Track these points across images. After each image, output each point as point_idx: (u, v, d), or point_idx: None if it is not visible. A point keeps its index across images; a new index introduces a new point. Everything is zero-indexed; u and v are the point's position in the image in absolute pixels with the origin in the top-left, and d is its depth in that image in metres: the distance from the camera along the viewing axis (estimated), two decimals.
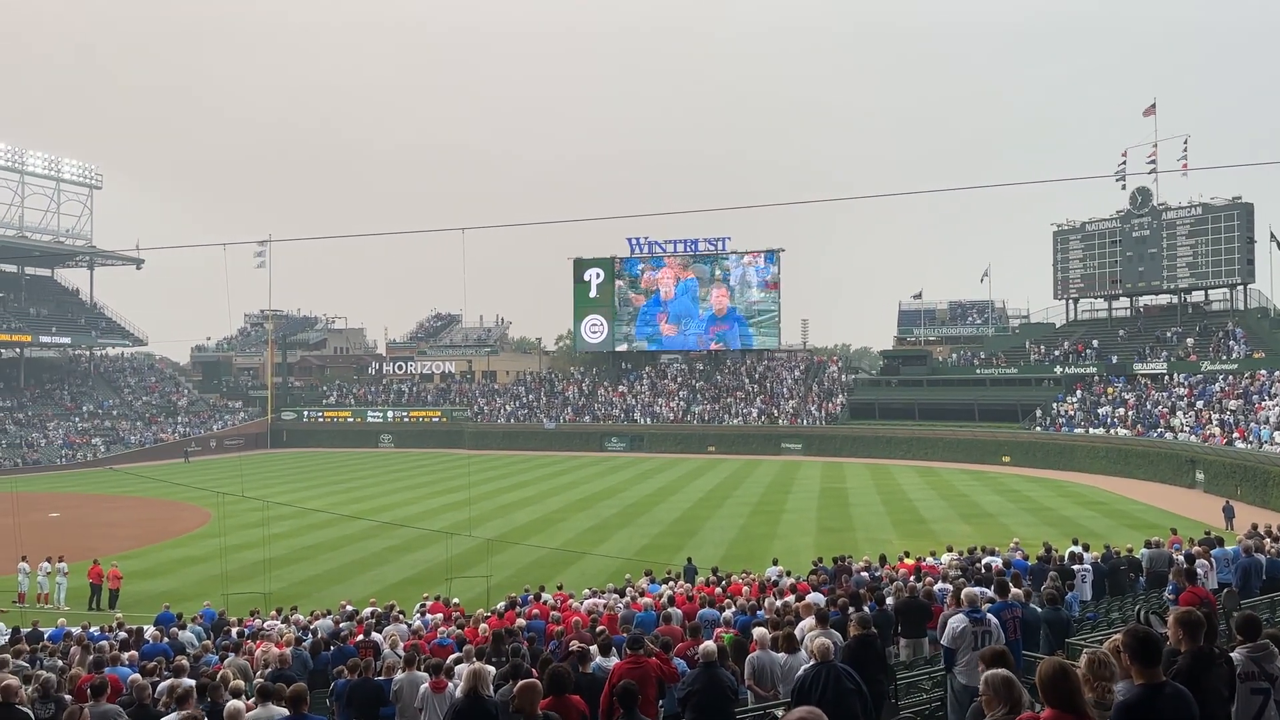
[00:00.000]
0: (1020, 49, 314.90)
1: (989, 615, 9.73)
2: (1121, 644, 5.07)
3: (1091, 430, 60.36)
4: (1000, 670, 5.15)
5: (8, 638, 17.62)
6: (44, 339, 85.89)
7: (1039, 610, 12.24)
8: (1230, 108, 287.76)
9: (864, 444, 70.87)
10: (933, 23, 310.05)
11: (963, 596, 10.32)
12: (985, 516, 40.53)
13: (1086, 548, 19.38)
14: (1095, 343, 70.51)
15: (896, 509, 43.65)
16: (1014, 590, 12.01)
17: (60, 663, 14.61)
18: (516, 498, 49.78)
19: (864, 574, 18.99)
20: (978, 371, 74.21)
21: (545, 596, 19.72)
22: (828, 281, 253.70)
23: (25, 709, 8.69)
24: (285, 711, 8.28)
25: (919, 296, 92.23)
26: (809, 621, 11.13)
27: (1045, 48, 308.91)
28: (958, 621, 9.42)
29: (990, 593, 12.32)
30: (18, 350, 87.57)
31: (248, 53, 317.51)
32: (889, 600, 14.06)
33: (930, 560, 21.36)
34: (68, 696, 10.49)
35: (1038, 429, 64.46)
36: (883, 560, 21.78)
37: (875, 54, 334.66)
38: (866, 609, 12.41)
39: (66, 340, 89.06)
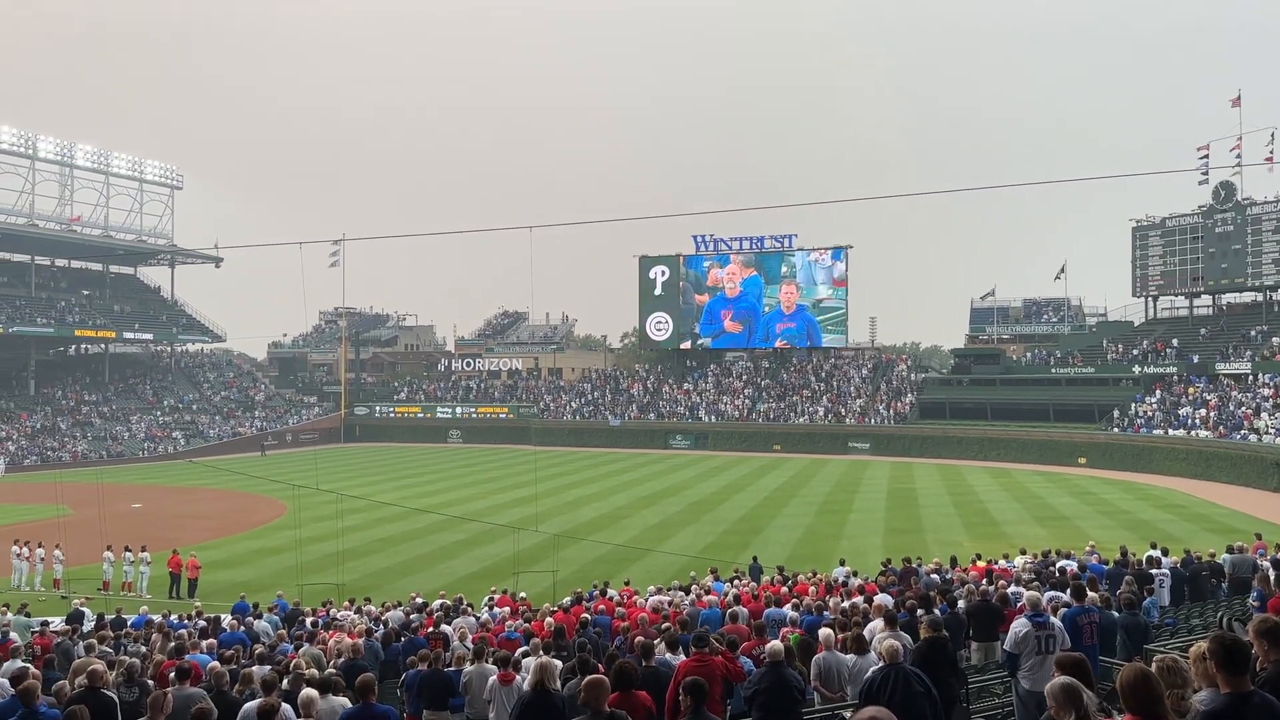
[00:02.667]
0: (1095, 40, 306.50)
1: (1054, 619, 9.53)
2: (1207, 650, 4.92)
3: (1171, 431, 58.54)
4: (1059, 680, 5.07)
5: (94, 624, 18.25)
6: (128, 335, 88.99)
7: (1116, 615, 11.93)
8: None
9: (934, 444, 69.77)
10: (1002, 16, 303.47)
11: (1026, 600, 10.12)
12: (1060, 519, 39.60)
13: (1165, 552, 18.84)
14: (1175, 342, 68.38)
15: (967, 511, 42.88)
16: (1091, 595, 11.71)
17: (143, 649, 15.11)
18: (582, 494, 50.08)
19: (934, 576, 18.71)
20: (1053, 371, 72.54)
21: (611, 592, 19.81)
22: (897, 279, 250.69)
23: (110, 693, 9.01)
24: (348, 702, 8.46)
25: (992, 294, 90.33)
26: (877, 623, 11.01)
27: (1123, 38, 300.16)
28: (1020, 626, 9.27)
29: (1064, 597, 12.05)
30: (103, 346, 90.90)
31: (321, 54, 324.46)
32: (960, 603, 13.83)
33: (1003, 563, 20.96)
34: (150, 681, 10.87)
35: (1115, 430, 62.76)
36: (953, 562, 21.42)
37: (945, 47, 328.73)
38: (937, 611, 12.23)
39: (149, 336, 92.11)
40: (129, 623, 18.35)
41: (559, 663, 10.11)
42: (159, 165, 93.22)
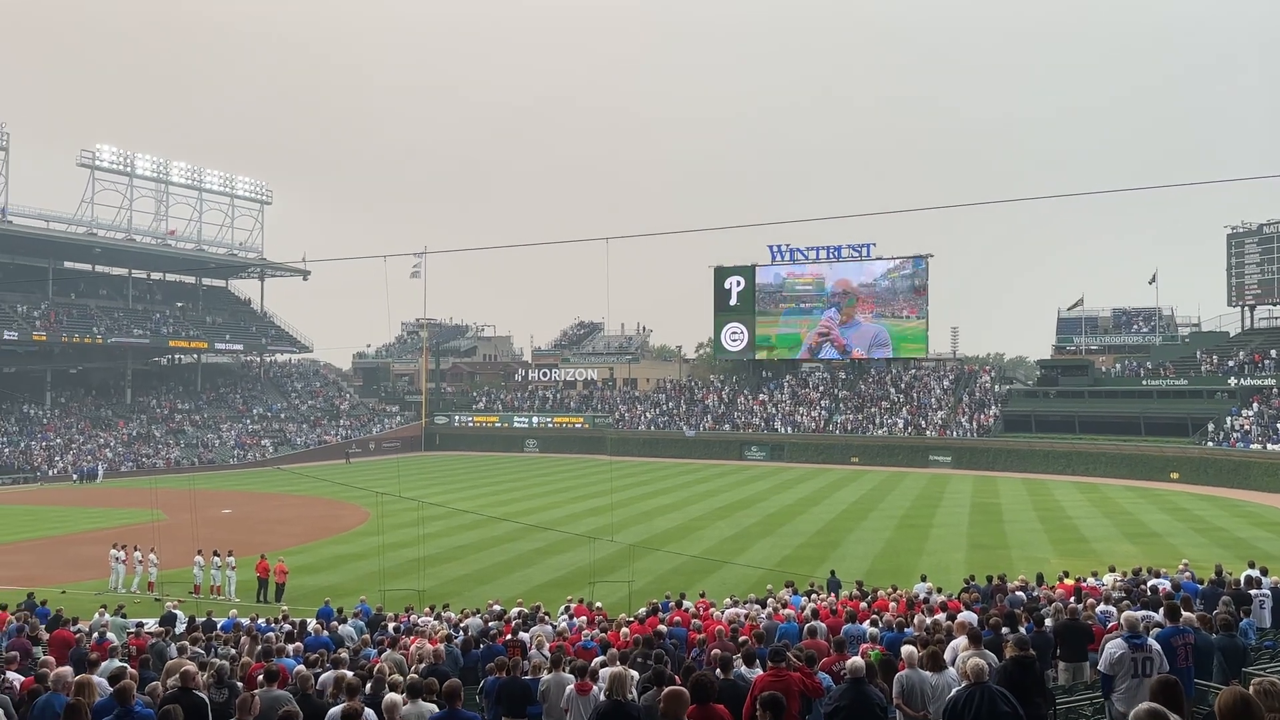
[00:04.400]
0: (1182, 41, 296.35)
1: (1151, 641, 9.19)
2: None
3: (1270, 446, 56.08)
4: (1143, 706, 4.89)
5: (185, 626, 18.83)
6: (219, 346, 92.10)
7: (1213, 637, 11.44)
8: None
9: (1019, 458, 68.04)
10: (1087, 18, 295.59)
11: (1123, 620, 9.77)
12: (1151, 536, 38.23)
13: (1265, 571, 18.00)
14: (1274, 352, 65.58)
15: (1054, 526, 41.68)
16: (1186, 615, 11.26)
17: (232, 651, 15.55)
18: (657, 504, 50.08)
19: (1020, 593, 18.21)
20: (1144, 383, 70.19)
21: (686, 604, 19.73)
22: (980, 288, 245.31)
23: (201, 694, 9.29)
24: (435, 708, 8.57)
25: (1080, 304, 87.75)
26: (961, 641, 10.75)
27: (1209, 40, 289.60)
28: (1116, 647, 8.96)
29: (1157, 617, 11.61)
30: (196, 356, 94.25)
31: (399, 69, 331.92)
32: (1048, 621, 13.43)
33: (1091, 581, 20.31)
34: (238, 683, 11.19)
35: (1210, 444, 60.37)
36: (1040, 580, 20.83)
37: (1030, 50, 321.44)
38: (1023, 630, 11.91)
39: (239, 347, 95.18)
40: (219, 625, 18.88)
41: (635, 673, 10.12)
42: (249, 181, 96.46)
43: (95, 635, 16.53)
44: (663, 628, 15.46)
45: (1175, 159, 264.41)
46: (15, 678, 10.89)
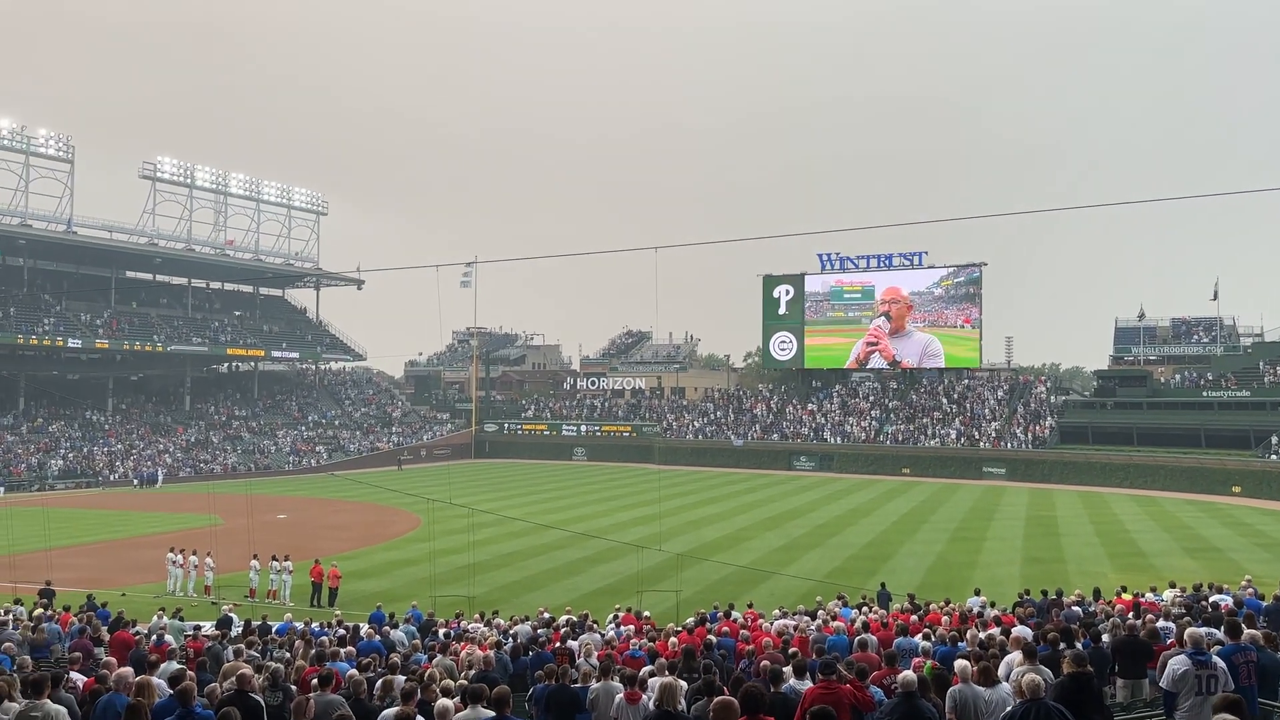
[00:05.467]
0: (1251, 44, 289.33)
1: (1216, 658, 8.94)
2: None
3: None
4: (1222, 717, 4.75)
5: (241, 629, 19.13)
6: (275, 354, 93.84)
7: (1278, 655, 11.10)
8: None
9: (1075, 470, 66.75)
10: (1156, 21, 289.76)
11: (1186, 637, 9.52)
12: (1212, 551, 37.25)
13: None
14: None
15: (1112, 540, 40.79)
16: (1249, 631, 10.93)
17: (286, 655, 15.78)
18: (705, 514, 49.92)
19: (1076, 608, 17.85)
20: (1205, 394, 68.46)
21: (735, 614, 19.63)
22: (1035, 297, 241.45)
23: (257, 696, 9.44)
24: (491, 713, 8.62)
25: (1141, 316, 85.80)
26: (1016, 656, 10.57)
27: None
28: (1179, 663, 8.73)
29: (1218, 634, 11.30)
30: (253, 364, 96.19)
31: (450, 82, 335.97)
32: (1105, 637, 13.15)
33: (1150, 596, 19.83)
34: (293, 686, 11.35)
35: (1273, 457, 58.71)
36: (1097, 594, 20.40)
37: (1095, 51, 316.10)
38: (1080, 645, 11.67)
39: (295, 355, 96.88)
40: (274, 629, 19.15)
41: (684, 684, 10.09)
42: (305, 192, 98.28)
43: (154, 637, 16.86)
44: (711, 638, 15.40)
45: (1239, 165, 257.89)
46: (78, 677, 11.16)
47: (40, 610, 20.16)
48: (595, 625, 19.50)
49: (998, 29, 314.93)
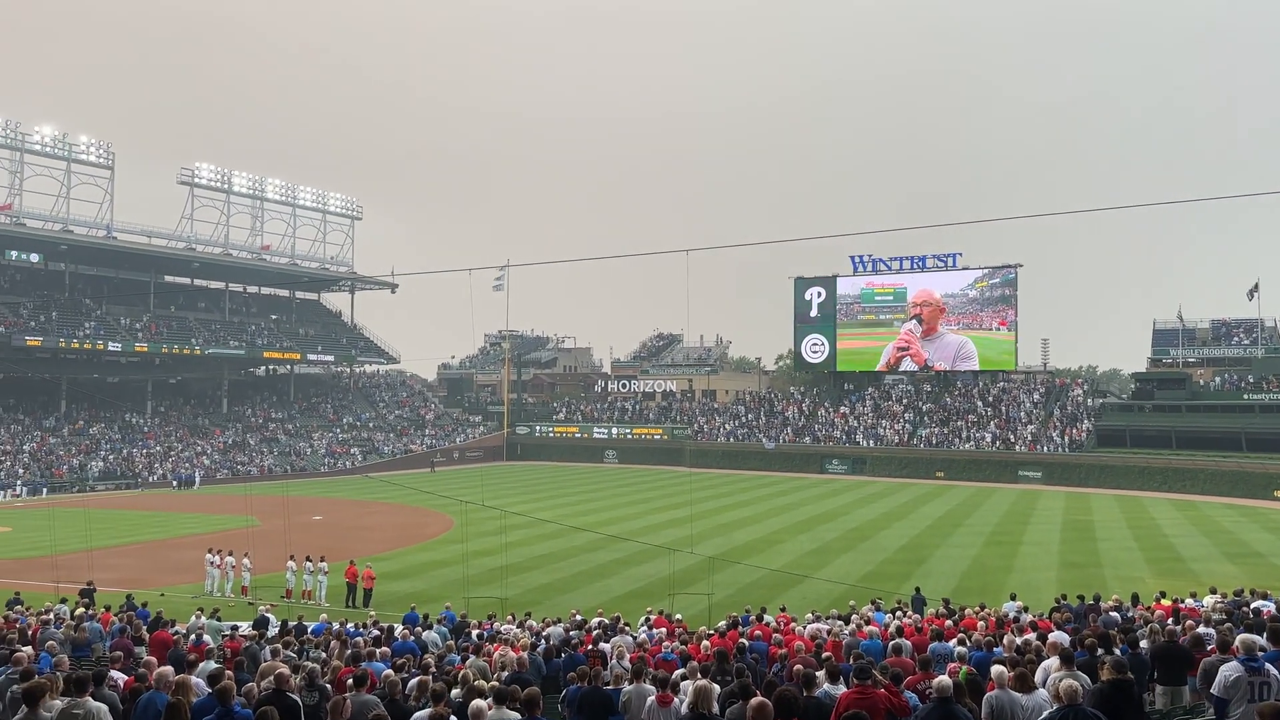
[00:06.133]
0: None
1: (1268, 665, 8.79)
2: None
3: None
4: None
5: (277, 630, 19.32)
6: (311, 357, 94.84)
7: None
8: None
9: (1112, 474, 65.85)
10: (1190, 15, 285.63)
11: (1239, 644, 9.36)
12: (1254, 556, 36.59)
13: None
14: None
15: (1150, 545, 40.18)
16: None
17: (322, 655, 15.90)
18: (736, 517, 49.79)
19: (1114, 614, 17.61)
20: (1245, 397, 67.27)
21: (767, 618, 19.55)
22: (1072, 299, 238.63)
23: (295, 696, 9.53)
24: (519, 715, 8.64)
25: (1180, 318, 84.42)
26: (1052, 662, 10.45)
27: None
28: (1232, 670, 8.59)
29: (1260, 640, 11.09)
30: (289, 367, 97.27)
31: (477, 93, 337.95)
32: (1143, 643, 12.95)
33: (1190, 602, 19.50)
34: (328, 686, 11.44)
35: None
36: (1135, 600, 20.10)
37: (1141, 49, 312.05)
38: (1118, 651, 11.50)
39: (330, 358, 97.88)
40: (310, 629, 19.33)
41: (717, 687, 10.06)
42: (340, 197, 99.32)
43: (192, 637, 17.10)
44: (744, 641, 15.36)
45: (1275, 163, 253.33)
46: (119, 676, 11.32)
47: (82, 609, 20.48)
48: (627, 628, 19.51)
49: (1032, 23, 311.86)
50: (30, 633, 17.10)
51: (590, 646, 15.93)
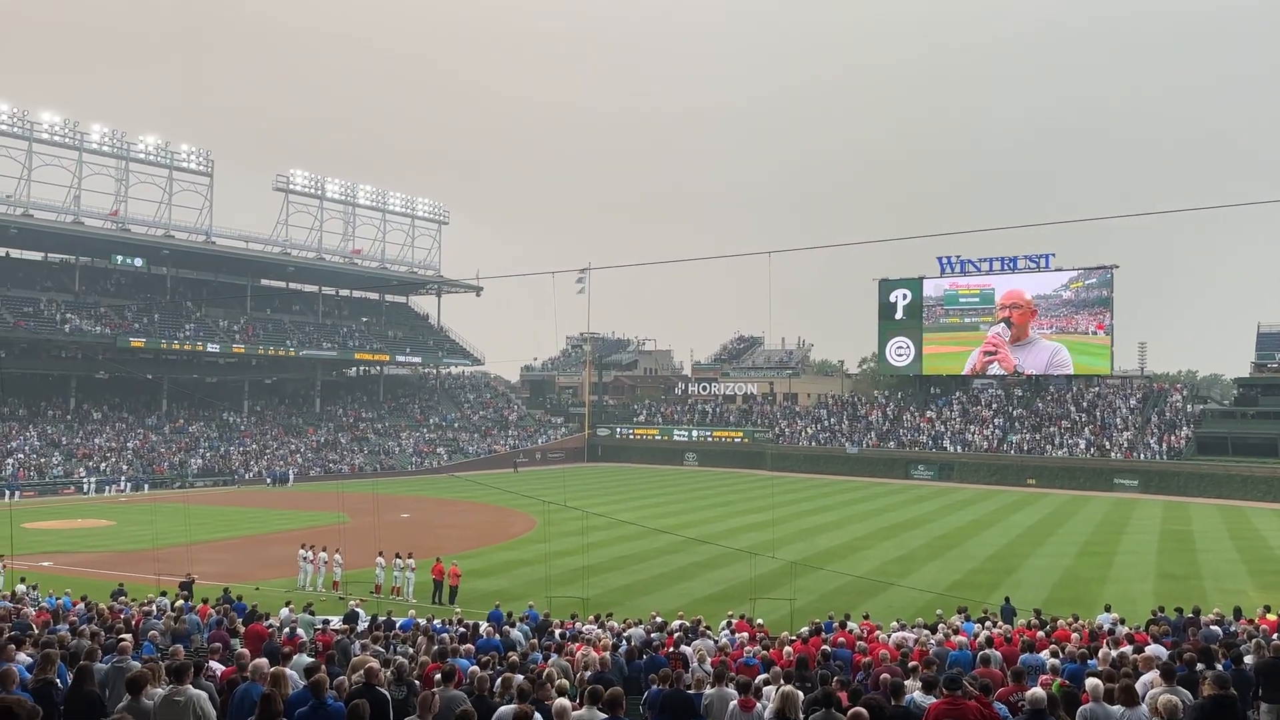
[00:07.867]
0: None
1: None
2: None
3: None
4: None
5: (367, 624, 19.78)
6: (399, 358, 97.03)
7: None
8: None
9: (1213, 482, 63.26)
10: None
11: None
12: None
13: None
14: None
15: (1254, 557, 38.47)
16: None
17: (410, 650, 16.22)
18: (818, 522, 49.25)
19: (1215, 627, 16.91)
20: None
21: (851, 625, 19.30)
22: (1170, 301, 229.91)
23: (384, 690, 9.75)
24: (603, 715, 8.69)
25: None
26: (1151, 676, 10.11)
27: None
28: None
29: None
30: (378, 368, 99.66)
31: (561, 97, 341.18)
32: (1247, 659, 12.42)
33: None
34: (416, 681, 11.67)
35: None
36: (1237, 614, 19.26)
37: (1225, 49, 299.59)
38: (1220, 667, 11.05)
39: (418, 360, 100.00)
40: (398, 625, 19.73)
41: (801, 693, 9.98)
42: (428, 203, 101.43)
43: (286, 630, 17.61)
44: (827, 648, 15.18)
45: None
46: (217, 667, 11.73)
47: (181, 602, 21.28)
48: (708, 631, 19.46)
49: (1132, 26, 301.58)
50: (134, 622, 17.89)
51: (671, 649, 15.93)
